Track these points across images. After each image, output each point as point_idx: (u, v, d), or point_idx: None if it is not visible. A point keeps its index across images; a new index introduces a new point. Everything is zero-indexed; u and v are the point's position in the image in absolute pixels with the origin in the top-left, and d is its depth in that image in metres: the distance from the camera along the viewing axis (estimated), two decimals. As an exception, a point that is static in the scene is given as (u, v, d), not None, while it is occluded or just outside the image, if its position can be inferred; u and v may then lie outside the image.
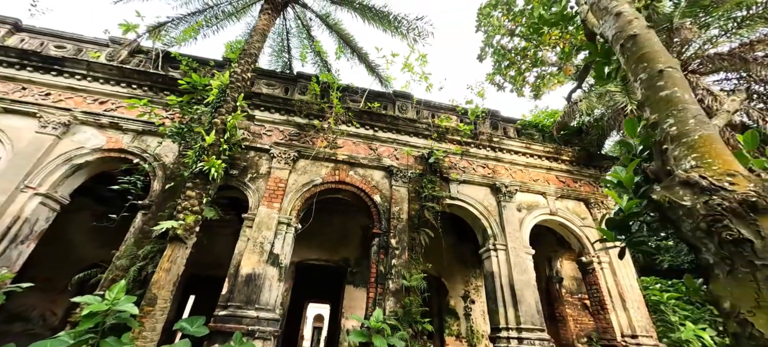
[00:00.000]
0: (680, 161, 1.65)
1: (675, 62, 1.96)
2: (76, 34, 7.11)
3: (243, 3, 7.52)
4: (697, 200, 1.39)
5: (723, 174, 1.43)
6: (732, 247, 1.26)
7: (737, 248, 1.25)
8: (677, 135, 1.70)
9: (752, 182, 1.36)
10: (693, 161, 1.58)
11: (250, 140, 6.86)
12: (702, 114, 1.70)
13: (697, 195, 1.40)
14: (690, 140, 1.64)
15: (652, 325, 6.66)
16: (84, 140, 6.18)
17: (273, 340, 5.43)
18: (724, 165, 1.47)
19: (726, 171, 1.43)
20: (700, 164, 1.54)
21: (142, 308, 3.99)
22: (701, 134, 1.62)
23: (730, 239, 1.27)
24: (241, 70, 5.43)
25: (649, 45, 2.04)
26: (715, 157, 1.52)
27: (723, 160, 1.49)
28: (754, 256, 1.21)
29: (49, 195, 5.81)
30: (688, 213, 1.41)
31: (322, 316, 22.06)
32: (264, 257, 5.79)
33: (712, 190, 1.37)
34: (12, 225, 5.35)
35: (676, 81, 1.85)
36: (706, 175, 1.44)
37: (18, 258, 5.45)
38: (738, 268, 1.25)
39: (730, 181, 1.38)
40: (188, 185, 4.59)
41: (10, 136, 5.87)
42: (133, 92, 6.64)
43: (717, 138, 1.60)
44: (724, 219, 1.30)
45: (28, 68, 6.37)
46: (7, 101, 6.09)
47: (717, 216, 1.31)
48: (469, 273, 9.56)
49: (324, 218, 9.14)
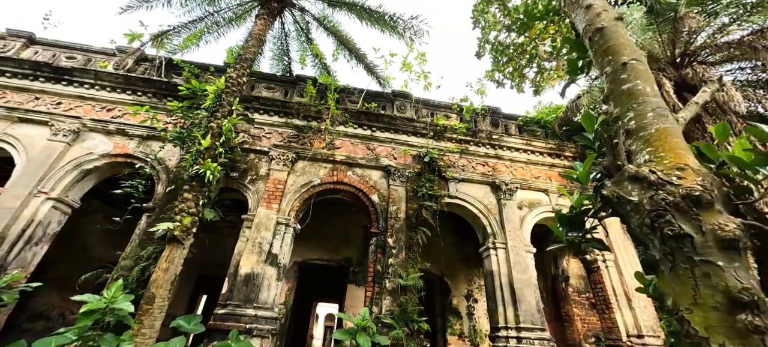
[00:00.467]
0: (636, 156, 1.63)
1: (640, 54, 1.92)
2: (86, 44, 7.43)
3: (242, 9, 7.69)
4: (644, 195, 1.37)
5: (672, 168, 1.40)
6: (673, 243, 1.24)
7: (678, 244, 1.23)
8: (635, 129, 1.67)
9: (701, 176, 1.33)
10: (647, 156, 1.55)
11: (249, 143, 7.01)
12: (662, 107, 1.66)
13: (645, 190, 1.38)
14: (646, 133, 1.61)
15: (659, 325, 6.45)
16: (93, 146, 6.46)
17: (271, 338, 5.54)
18: (676, 159, 1.44)
19: (676, 165, 1.40)
20: (653, 158, 1.51)
21: (141, 306, 4.16)
22: (658, 128, 1.59)
23: (671, 235, 1.24)
24: (236, 75, 5.56)
25: (615, 37, 2.00)
26: (668, 151, 1.48)
27: (675, 154, 1.46)
28: (693, 252, 1.19)
29: (61, 199, 6.09)
30: (636, 209, 1.39)
31: (334, 315, 22.30)
32: (262, 257, 5.91)
33: (659, 185, 1.34)
34: (26, 228, 5.65)
35: (639, 73, 1.81)
36: (656, 169, 1.42)
37: (32, 259, 5.75)
38: (678, 264, 1.22)
39: (678, 175, 1.36)
40: (185, 187, 4.74)
41: (25, 144, 6.19)
42: (138, 99, 6.89)
43: (673, 131, 1.56)
44: (667, 214, 1.27)
45: (41, 79, 6.70)
46: (22, 110, 6.43)
47: (660, 211, 1.29)
48: (472, 272, 9.48)
49: (326, 218, 9.24)
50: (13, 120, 6.37)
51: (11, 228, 5.51)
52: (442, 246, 8.82)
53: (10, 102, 6.47)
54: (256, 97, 7.31)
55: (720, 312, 1.08)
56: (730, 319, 1.05)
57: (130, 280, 5.01)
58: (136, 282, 4.92)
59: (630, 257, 7.20)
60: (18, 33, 7.10)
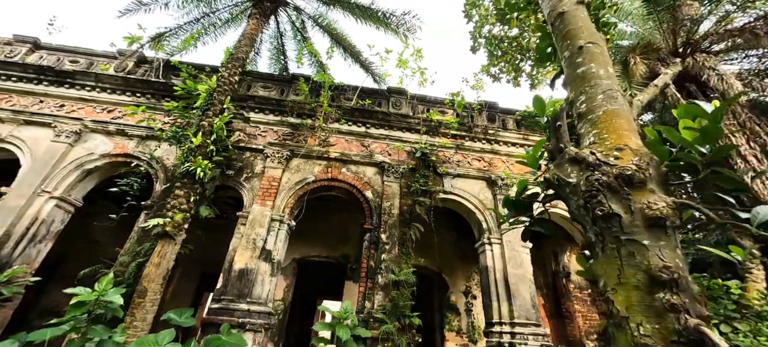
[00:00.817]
0: (584, 138, 1.60)
1: (598, 37, 1.88)
2: (88, 48, 7.65)
3: (238, 10, 7.80)
4: (582, 176, 1.35)
5: (612, 149, 1.38)
6: (603, 223, 1.23)
7: (607, 224, 1.21)
8: (585, 112, 1.65)
9: (638, 156, 1.30)
10: (593, 137, 1.53)
11: (245, 142, 7.11)
12: (613, 89, 1.63)
13: (583, 171, 1.36)
14: (594, 116, 1.58)
15: (659, 321, 6.29)
16: (94, 146, 6.65)
17: (264, 332, 5.63)
18: (617, 140, 1.41)
19: (615, 146, 1.38)
20: (597, 140, 1.49)
21: (133, 300, 4.27)
22: (605, 110, 1.56)
23: (600, 215, 1.23)
24: (228, 74, 5.65)
25: (575, 21, 1.97)
26: (612, 132, 1.46)
27: (618, 135, 1.44)
28: (620, 231, 1.17)
29: (64, 198, 6.30)
30: (574, 190, 1.37)
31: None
32: (256, 253, 5.99)
33: (596, 165, 1.32)
34: (31, 226, 5.86)
35: (594, 57, 1.78)
36: (596, 150, 1.39)
37: (37, 256, 5.96)
38: (607, 244, 1.21)
39: (615, 156, 1.33)
40: (177, 185, 4.85)
41: (30, 145, 6.42)
42: (137, 100, 7.06)
43: (621, 113, 1.53)
44: (599, 195, 1.25)
45: (45, 83, 6.93)
46: (27, 113, 6.66)
47: (593, 192, 1.27)
48: (470, 268, 9.42)
49: (324, 215, 9.31)
50: (19, 122, 6.60)
51: (16, 226, 5.72)
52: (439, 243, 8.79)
53: (16, 105, 6.71)
54: (251, 96, 7.40)
55: (640, 291, 1.06)
56: (649, 298, 1.03)
57: (127, 275, 5.15)
58: (132, 276, 5.06)
59: (630, 252, 7.04)
60: (24, 38, 7.35)
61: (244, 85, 7.84)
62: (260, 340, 5.52)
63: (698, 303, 1.00)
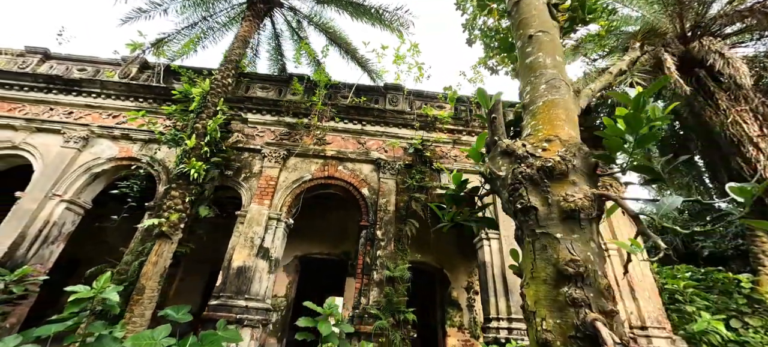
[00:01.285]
0: (525, 130, 1.57)
1: (550, 25, 1.83)
2: (94, 57, 7.95)
3: (234, 13, 7.93)
4: (510, 169, 1.33)
5: (542, 141, 1.35)
6: (522, 216, 1.21)
7: (525, 217, 1.19)
8: (528, 103, 1.61)
9: (565, 147, 1.27)
10: (530, 129, 1.50)
11: (244, 142, 7.25)
12: (556, 79, 1.59)
13: (512, 164, 1.34)
14: (535, 107, 1.55)
15: (665, 316, 6.09)
16: (100, 151, 6.93)
17: (262, 328, 5.76)
18: (549, 131, 1.38)
19: (546, 137, 1.35)
20: (533, 132, 1.46)
21: (132, 297, 4.46)
22: (545, 100, 1.52)
23: (520, 208, 1.21)
24: (221, 77, 5.77)
25: (528, 10, 1.92)
26: (546, 123, 1.43)
27: (552, 126, 1.40)
28: (536, 224, 1.15)
29: (74, 201, 6.60)
30: (503, 183, 1.35)
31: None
32: (254, 251, 6.12)
33: (523, 158, 1.30)
34: (43, 228, 6.18)
35: (542, 46, 1.73)
36: (527, 142, 1.37)
37: (50, 257, 6.28)
38: (525, 237, 1.19)
39: (543, 147, 1.31)
40: (172, 186, 5.01)
41: (41, 151, 6.75)
42: (140, 105, 7.30)
43: (560, 103, 1.49)
44: (521, 187, 1.23)
45: (54, 91, 7.26)
46: (39, 121, 7.00)
47: (516, 185, 1.25)
48: (471, 264, 9.33)
49: (325, 213, 9.42)
50: (32, 130, 6.95)
51: (30, 228, 6.04)
52: (440, 239, 8.77)
53: (28, 113, 7.06)
54: (249, 97, 7.53)
55: (548, 285, 1.04)
56: (555, 292, 1.02)
57: (130, 274, 5.38)
58: (135, 275, 5.27)
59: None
60: (34, 49, 7.71)
61: (242, 86, 7.98)
62: (258, 336, 5.66)
63: (603, 298, 0.98)
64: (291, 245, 8.66)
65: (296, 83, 7.14)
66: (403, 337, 5.51)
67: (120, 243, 10.14)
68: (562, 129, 1.36)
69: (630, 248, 1.09)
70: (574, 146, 1.26)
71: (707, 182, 10.73)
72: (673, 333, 6.09)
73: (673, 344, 5.80)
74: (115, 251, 10.16)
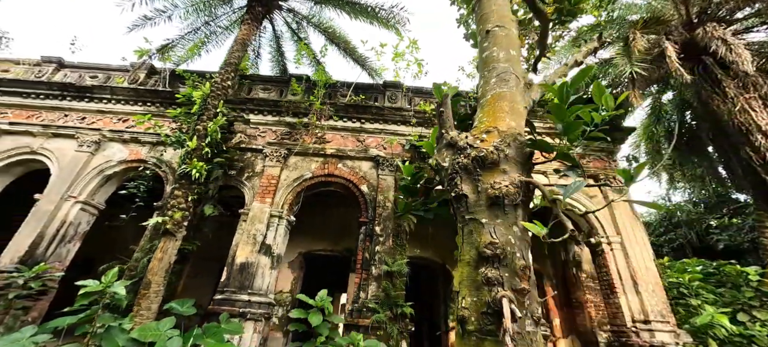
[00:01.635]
0: (474, 122, 1.63)
1: (507, 19, 1.87)
2: (105, 64, 8.32)
3: (235, 17, 8.14)
4: (451, 160, 1.40)
5: (482, 132, 1.41)
6: (456, 203, 1.28)
7: (458, 204, 1.26)
8: (480, 96, 1.67)
9: (501, 138, 1.33)
10: (476, 121, 1.55)
11: (246, 142, 7.47)
12: (507, 72, 1.64)
13: (454, 155, 1.41)
14: (484, 100, 1.61)
15: (669, 310, 5.97)
16: (111, 154, 7.27)
17: (265, 321, 5.96)
18: (491, 123, 1.44)
19: (486, 129, 1.41)
20: (478, 124, 1.52)
21: (139, 291, 4.70)
22: (493, 93, 1.58)
23: (454, 196, 1.28)
24: (220, 80, 5.97)
25: (489, 5, 1.96)
26: (490, 115, 1.48)
27: (494, 118, 1.46)
28: (466, 211, 1.22)
29: (88, 202, 6.96)
30: (446, 174, 1.42)
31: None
32: (256, 248, 6.32)
33: (462, 149, 1.37)
34: (60, 228, 6.54)
35: (497, 40, 1.78)
36: (470, 134, 1.43)
37: (67, 255, 6.65)
38: (458, 223, 1.26)
39: (482, 138, 1.37)
40: (176, 186, 5.24)
41: (57, 155, 7.13)
42: (148, 109, 7.61)
43: (506, 95, 1.55)
44: (457, 177, 1.30)
45: (68, 98, 7.64)
46: (54, 127, 7.39)
47: (453, 174, 1.32)
48: (475, 259, 9.34)
49: (328, 210, 9.57)
50: (48, 135, 7.34)
51: (48, 228, 6.41)
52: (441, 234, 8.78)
53: (44, 120, 7.46)
54: (250, 99, 7.74)
55: (470, 267, 1.11)
56: (475, 273, 1.08)
57: (139, 270, 5.66)
58: (143, 271, 5.53)
59: (638, 238, 6.72)
60: (50, 59, 8.13)
61: (244, 88, 8.21)
62: (261, 328, 5.85)
63: (517, 277, 1.05)
64: (295, 243, 8.86)
65: (294, 84, 7.30)
66: (400, 330, 5.61)
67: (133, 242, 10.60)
68: (503, 121, 1.42)
69: (538, 232, 1.14)
70: (510, 137, 1.32)
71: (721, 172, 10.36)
72: (680, 327, 5.96)
73: (677, 338, 5.68)
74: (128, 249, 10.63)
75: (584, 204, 7.26)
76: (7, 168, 7.24)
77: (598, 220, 7.07)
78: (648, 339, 5.76)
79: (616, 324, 6.39)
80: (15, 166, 7.33)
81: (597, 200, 7.30)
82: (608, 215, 7.11)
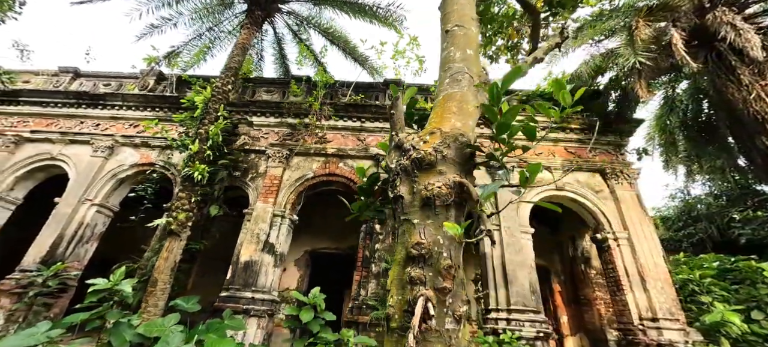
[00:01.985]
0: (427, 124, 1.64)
1: (467, 19, 1.87)
2: (117, 72, 8.70)
3: (237, 22, 8.33)
4: (396, 161, 1.42)
5: (426, 134, 1.43)
6: (393, 204, 1.31)
7: (395, 205, 1.29)
8: (435, 96, 1.68)
9: (442, 139, 1.35)
10: (427, 122, 1.57)
11: (250, 144, 7.66)
12: (460, 72, 1.65)
13: (399, 157, 1.43)
14: (437, 101, 1.62)
15: (678, 307, 5.77)
16: (123, 158, 7.61)
17: (268, 318, 6.13)
18: (437, 123, 1.45)
19: (430, 130, 1.43)
20: (427, 125, 1.53)
21: (146, 289, 4.94)
22: (444, 94, 1.59)
23: (391, 197, 1.31)
24: (221, 84, 6.14)
25: (451, 5, 1.97)
26: (438, 116, 1.50)
27: (441, 118, 1.48)
28: (402, 211, 1.25)
29: (103, 205, 7.32)
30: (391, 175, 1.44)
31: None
32: (260, 246, 6.50)
33: (405, 151, 1.39)
34: (78, 229, 6.92)
35: (455, 40, 1.79)
36: (416, 136, 1.45)
37: (85, 255, 7.03)
38: (395, 224, 1.29)
39: (425, 140, 1.39)
40: (179, 188, 5.45)
41: (74, 161, 7.52)
42: (156, 114, 7.91)
43: (456, 95, 1.56)
44: (396, 178, 1.33)
45: (83, 106, 8.04)
46: (71, 133, 7.80)
47: (393, 176, 1.35)
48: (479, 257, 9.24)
49: (331, 210, 9.68)
50: (66, 142, 7.75)
51: (66, 230, 6.79)
52: (445, 231, 8.75)
53: (62, 127, 7.88)
54: (253, 101, 7.93)
55: (400, 266, 1.14)
56: (403, 272, 1.12)
57: (148, 269, 5.92)
58: (151, 269, 5.79)
59: (646, 233, 6.50)
60: (66, 69, 8.56)
61: (248, 91, 8.40)
62: (264, 324, 6.03)
63: (441, 277, 1.07)
64: (301, 241, 9.03)
65: (294, 86, 7.42)
66: (399, 327, 5.65)
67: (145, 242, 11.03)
68: (448, 121, 1.43)
69: (457, 232, 1.14)
70: (451, 137, 1.33)
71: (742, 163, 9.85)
72: (690, 325, 5.74)
73: (687, 336, 5.48)
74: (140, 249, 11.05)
75: (590, 200, 7.08)
76: (30, 174, 7.70)
77: (605, 215, 6.88)
78: (656, 337, 5.58)
79: (622, 321, 6.23)
80: (37, 171, 7.78)
81: (602, 195, 7.10)
82: (615, 209, 6.91)
